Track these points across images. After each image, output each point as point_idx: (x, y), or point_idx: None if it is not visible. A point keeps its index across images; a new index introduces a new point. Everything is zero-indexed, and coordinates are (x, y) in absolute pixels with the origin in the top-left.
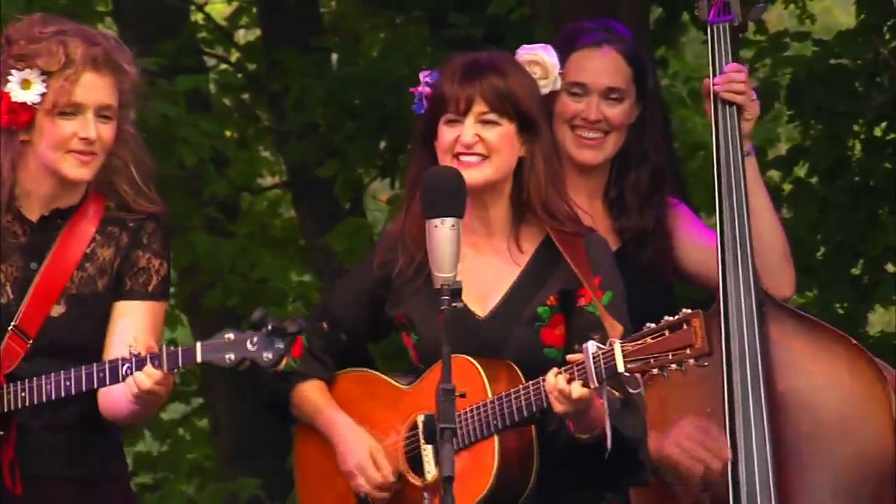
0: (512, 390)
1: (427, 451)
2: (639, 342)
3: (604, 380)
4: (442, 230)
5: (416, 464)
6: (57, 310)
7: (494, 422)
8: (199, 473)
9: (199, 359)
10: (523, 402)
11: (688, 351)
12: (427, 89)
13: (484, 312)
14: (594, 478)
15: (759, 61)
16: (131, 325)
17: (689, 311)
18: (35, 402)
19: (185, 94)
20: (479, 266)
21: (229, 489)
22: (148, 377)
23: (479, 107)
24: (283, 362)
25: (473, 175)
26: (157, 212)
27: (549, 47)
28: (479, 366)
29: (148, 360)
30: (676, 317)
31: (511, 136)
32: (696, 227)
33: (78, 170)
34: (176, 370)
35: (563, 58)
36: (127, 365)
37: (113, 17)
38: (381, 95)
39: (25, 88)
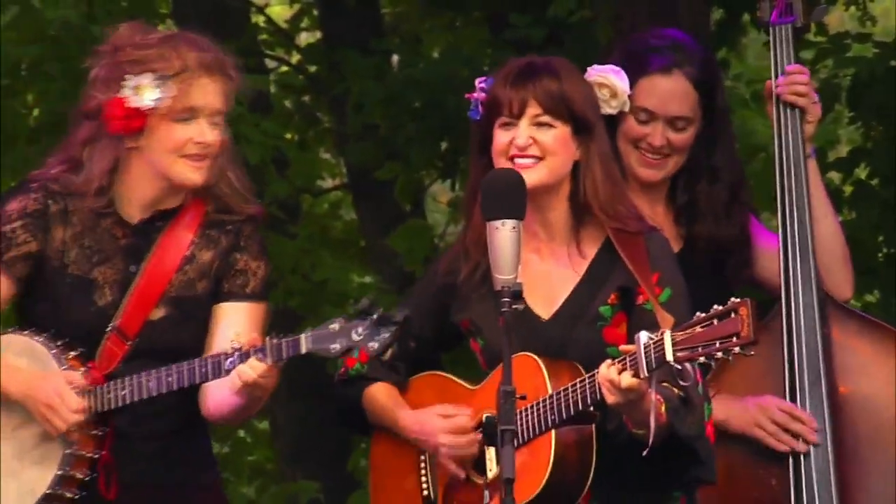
0: (569, 384)
1: (489, 450)
2: (687, 331)
3: (653, 369)
4: (503, 232)
5: (481, 463)
6: (157, 313)
7: (552, 417)
8: (260, 475)
9: (304, 349)
10: (579, 396)
11: (734, 339)
12: (482, 95)
13: (548, 315)
14: (654, 476)
15: (820, 63)
16: (231, 327)
17: (738, 299)
18: (136, 398)
19: (246, 95)
20: (542, 271)
21: (290, 491)
22: (252, 370)
23: (533, 109)
24: (389, 352)
25: (528, 177)
26: (254, 213)
27: (620, 71)
28: (541, 363)
29: (252, 352)
30: (725, 306)
31: (566, 138)
32: (762, 232)
33: (192, 174)
34: (280, 362)
35: (632, 80)
36: (230, 359)
37: (173, 19)
38: (442, 97)
39: (138, 94)
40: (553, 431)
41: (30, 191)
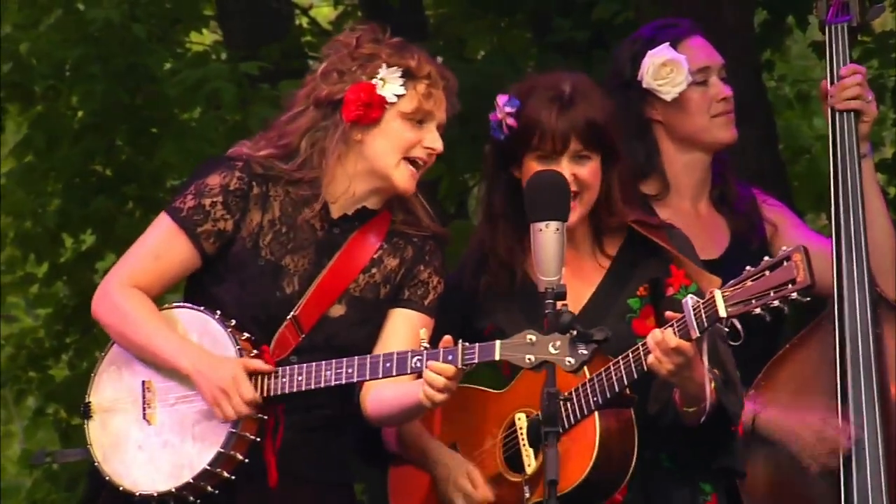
0: (611, 363)
1: (526, 444)
2: (738, 286)
3: (705, 329)
4: (547, 234)
5: (513, 462)
6: (336, 310)
7: (595, 398)
8: None
9: (497, 356)
10: (623, 372)
11: (790, 286)
12: (511, 119)
13: (575, 311)
14: (684, 465)
15: (866, 63)
16: (402, 333)
17: (790, 248)
18: (312, 386)
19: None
20: (566, 275)
21: None
22: (441, 371)
23: (575, 145)
24: (585, 369)
25: (571, 217)
26: (439, 232)
27: (669, 47)
28: None
29: (441, 353)
30: (777, 256)
31: (598, 168)
32: (804, 233)
33: (408, 180)
34: (469, 366)
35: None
36: (417, 357)
37: (217, 21)
38: (486, 99)
39: (384, 86)
40: (596, 416)
41: (234, 168)
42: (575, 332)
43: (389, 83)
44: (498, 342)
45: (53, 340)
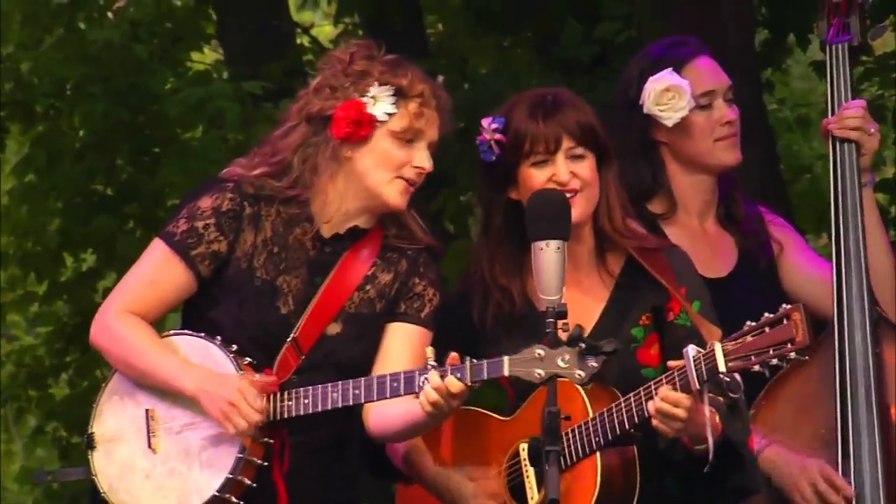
0: (613, 404)
1: (529, 475)
2: (738, 341)
3: (705, 381)
4: (548, 252)
5: (517, 493)
6: (333, 328)
7: (596, 438)
8: None
9: (506, 372)
10: (624, 415)
11: (789, 345)
12: (498, 136)
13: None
14: (698, 490)
15: (866, 83)
16: (400, 347)
17: (790, 305)
18: (319, 409)
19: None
20: (570, 299)
21: None
22: (450, 388)
23: (567, 143)
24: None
25: (573, 212)
26: (432, 245)
27: (672, 72)
28: (579, 387)
29: (449, 371)
30: (777, 313)
31: (594, 165)
32: (808, 256)
33: (399, 198)
34: (478, 383)
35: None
36: (425, 376)
37: (219, 40)
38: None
39: (375, 103)
40: (598, 454)
41: (225, 189)
42: (584, 346)
43: (380, 101)
44: (506, 357)
45: (53, 359)
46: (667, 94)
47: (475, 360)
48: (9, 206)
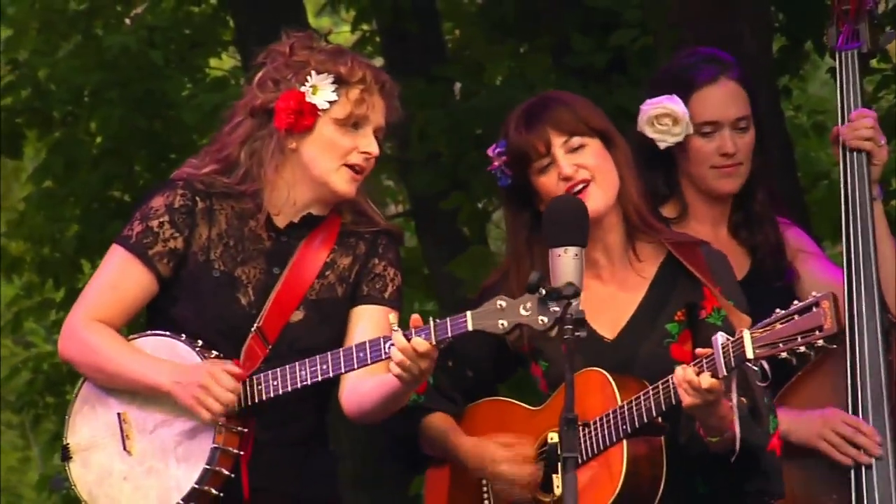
0: (641, 392)
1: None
2: (767, 328)
3: (733, 368)
4: (565, 259)
5: (544, 482)
6: (296, 315)
7: (623, 426)
8: None
9: (470, 327)
10: (652, 403)
11: (817, 332)
12: (503, 157)
13: (612, 335)
14: (720, 492)
15: (884, 90)
16: (368, 329)
17: (819, 294)
18: (289, 388)
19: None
20: (605, 294)
21: None
22: (416, 347)
23: (557, 138)
24: (555, 329)
25: (590, 205)
26: (390, 228)
27: (674, 96)
28: (608, 376)
29: (413, 332)
30: (806, 301)
31: (601, 150)
32: (823, 266)
33: (347, 186)
34: (443, 342)
35: (684, 100)
36: (390, 342)
37: (236, 46)
38: None
39: (315, 93)
40: (624, 443)
41: (175, 187)
42: (544, 292)
43: (321, 90)
44: (469, 312)
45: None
46: (663, 119)
47: (438, 320)
48: (26, 212)
